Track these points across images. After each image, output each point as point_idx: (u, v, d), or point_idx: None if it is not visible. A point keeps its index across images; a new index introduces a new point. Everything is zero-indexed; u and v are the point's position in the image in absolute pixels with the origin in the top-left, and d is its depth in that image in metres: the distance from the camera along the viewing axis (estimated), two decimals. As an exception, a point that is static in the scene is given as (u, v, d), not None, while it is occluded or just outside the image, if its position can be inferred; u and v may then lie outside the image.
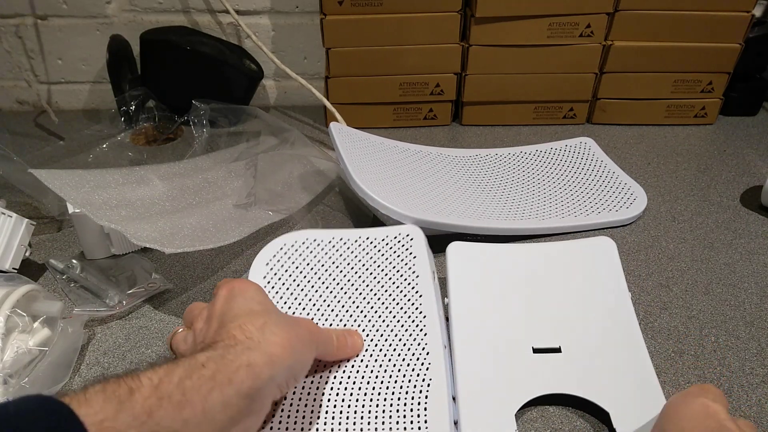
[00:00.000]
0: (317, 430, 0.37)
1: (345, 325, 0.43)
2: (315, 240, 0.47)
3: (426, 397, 0.38)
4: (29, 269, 0.54)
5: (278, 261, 0.46)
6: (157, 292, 0.51)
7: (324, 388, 0.39)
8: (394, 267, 0.46)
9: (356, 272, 0.46)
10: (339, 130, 0.63)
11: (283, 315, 0.35)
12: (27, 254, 0.52)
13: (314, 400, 0.38)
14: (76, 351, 0.44)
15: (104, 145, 0.72)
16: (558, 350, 0.42)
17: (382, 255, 0.47)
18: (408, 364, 0.40)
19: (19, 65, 0.84)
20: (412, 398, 0.38)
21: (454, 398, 0.39)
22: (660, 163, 0.71)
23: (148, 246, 0.47)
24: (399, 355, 0.41)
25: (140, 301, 0.50)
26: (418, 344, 0.41)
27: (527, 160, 0.68)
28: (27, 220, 0.52)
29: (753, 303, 0.50)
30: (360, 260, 0.46)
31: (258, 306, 0.35)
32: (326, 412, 0.38)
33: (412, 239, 0.47)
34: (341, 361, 0.40)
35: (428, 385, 0.39)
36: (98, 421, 0.25)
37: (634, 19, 0.72)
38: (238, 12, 0.81)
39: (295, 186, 0.63)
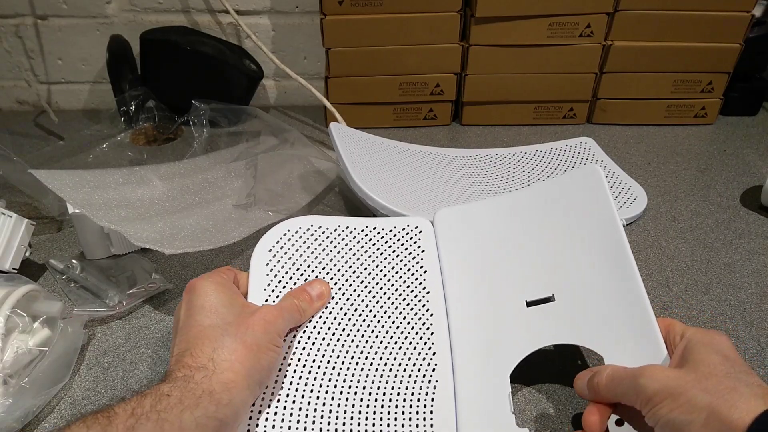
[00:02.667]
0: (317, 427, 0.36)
1: (349, 319, 0.42)
2: (320, 227, 0.46)
3: (432, 399, 0.38)
4: (29, 269, 0.54)
5: (281, 247, 0.44)
6: (157, 292, 0.51)
7: (327, 386, 0.38)
8: (401, 260, 0.45)
9: (362, 263, 0.44)
10: (339, 130, 0.63)
11: (234, 325, 0.36)
12: (27, 254, 0.52)
13: (317, 398, 0.38)
14: (76, 351, 0.44)
15: (104, 145, 0.72)
16: (551, 299, 0.40)
17: (390, 247, 0.45)
18: (414, 364, 0.40)
19: (19, 65, 0.84)
20: (418, 400, 0.38)
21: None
22: (660, 163, 0.71)
23: (148, 247, 0.47)
24: (405, 353, 0.40)
25: (140, 301, 0.50)
26: (425, 344, 0.41)
27: (527, 160, 0.68)
28: (27, 220, 0.52)
29: (753, 303, 0.50)
30: (366, 251, 0.45)
31: (210, 320, 0.36)
32: (330, 413, 0.37)
33: (421, 232, 0.46)
34: (345, 356, 0.40)
35: (434, 388, 0.38)
36: None
37: (634, 19, 0.72)
38: (238, 12, 0.81)
39: (295, 186, 0.63)
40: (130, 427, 0.29)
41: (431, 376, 0.39)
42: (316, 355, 0.40)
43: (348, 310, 0.42)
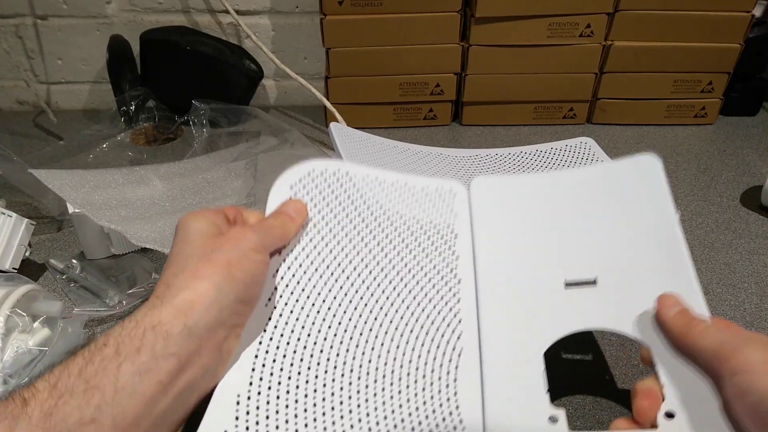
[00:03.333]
0: (337, 394, 0.33)
1: (370, 272, 0.38)
2: (347, 173, 0.42)
3: (456, 367, 0.35)
4: (29, 269, 0.54)
5: (303, 187, 0.41)
6: (157, 292, 0.51)
7: (343, 341, 0.36)
8: (431, 221, 0.41)
9: (389, 218, 0.41)
10: (339, 130, 0.63)
11: (201, 247, 0.32)
12: (27, 254, 0.52)
13: (331, 354, 0.35)
14: (76, 351, 0.44)
15: (104, 145, 0.72)
16: (593, 282, 0.37)
17: (420, 206, 0.42)
18: (437, 329, 0.37)
19: (19, 65, 0.84)
20: (440, 366, 0.35)
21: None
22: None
23: (148, 247, 0.47)
24: (428, 317, 0.37)
25: (140, 301, 0.50)
26: (450, 309, 0.37)
27: (527, 160, 0.68)
28: (27, 220, 0.52)
29: (753, 303, 0.50)
30: (395, 205, 0.42)
31: (179, 248, 0.32)
32: (344, 374, 0.34)
33: (455, 196, 0.43)
34: (363, 311, 0.37)
35: (459, 356, 0.35)
36: None
37: (634, 19, 0.72)
38: (238, 12, 0.81)
39: (295, 186, 0.63)
40: (47, 411, 0.24)
41: (456, 343, 0.36)
42: (334, 308, 0.37)
43: (370, 263, 0.39)
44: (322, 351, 0.35)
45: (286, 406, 0.32)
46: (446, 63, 0.75)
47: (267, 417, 0.32)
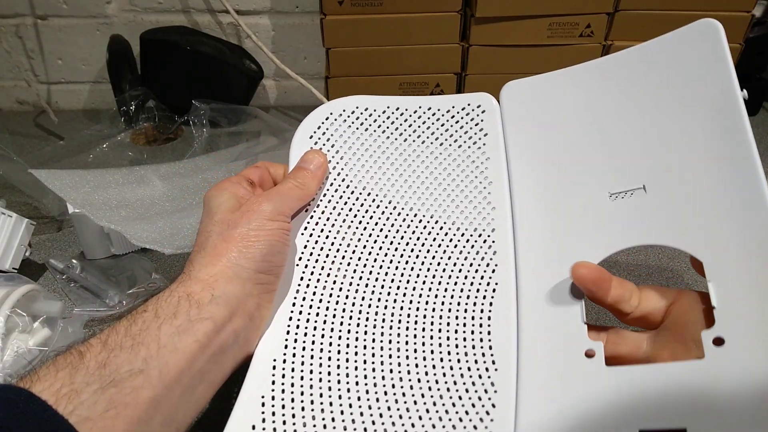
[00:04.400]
0: (369, 347, 0.33)
1: (399, 214, 0.37)
2: (367, 109, 0.40)
3: (491, 304, 0.33)
4: (29, 269, 0.54)
5: (323, 133, 0.40)
6: (157, 292, 0.51)
7: (378, 295, 0.35)
8: (459, 146, 0.39)
9: (414, 150, 0.39)
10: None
11: (219, 224, 0.34)
12: (27, 254, 0.52)
13: (363, 309, 0.34)
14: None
15: (104, 145, 0.72)
16: (642, 191, 0.33)
17: (447, 131, 0.39)
18: (471, 264, 0.35)
19: (19, 65, 0.84)
20: (474, 304, 0.33)
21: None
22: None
23: (148, 247, 0.47)
24: (461, 252, 0.35)
25: (140, 301, 0.50)
26: (484, 241, 0.35)
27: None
28: (27, 220, 0.52)
29: (753, 303, 0.50)
30: (419, 135, 0.40)
31: (201, 227, 0.34)
32: (375, 314, 0.34)
33: (483, 111, 0.40)
34: (392, 254, 0.36)
35: (493, 291, 0.34)
36: (55, 391, 0.25)
37: (634, 19, 0.72)
38: (238, 12, 0.81)
39: (295, 186, 0.63)
40: (101, 362, 0.27)
41: (490, 278, 0.34)
42: (364, 258, 0.36)
43: (398, 204, 0.37)
44: (354, 304, 0.34)
45: (320, 365, 0.32)
46: (446, 63, 0.75)
47: (302, 378, 0.32)
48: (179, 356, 0.28)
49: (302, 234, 0.37)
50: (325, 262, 0.36)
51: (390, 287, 0.35)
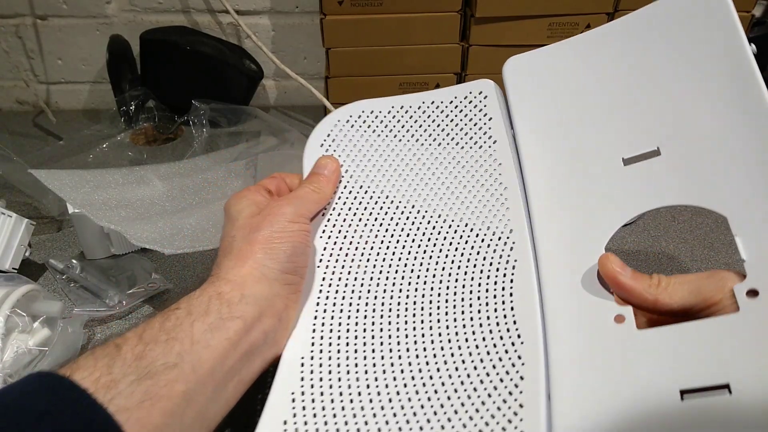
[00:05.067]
0: (394, 336, 0.33)
1: (413, 206, 0.38)
2: (372, 112, 0.42)
3: (511, 281, 0.33)
4: (29, 269, 0.54)
5: (333, 140, 0.41)
6: (157, 292, 0.51)
7: (399, 286, 0.35)
8: (466, 134, 0.40)
9: (423, 145, 0.40)
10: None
11: (243, 229, 0.35)
12: (27, 254, 0.52)
13: (385, 302, 0.35)
14: (76, 351, 0.44)
15: (104, 145, 0.72)
16: (656, 153, 0.32)
17: (452, 121, 0.40)
18: (488, 245, 0.35)
19: (19, 65, 0.84)
20: (495, 283, 0.34)
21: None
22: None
23: (148, 247, 0.47)
24: (477, 235, 0.36)
25: (140, 301, 0.50)
26: (500, 221, 0.36)
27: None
28: (27, 220, 0.52)
29: (753, 303, 0.50)
30: (426, 130, 0.41)
31: (225, 232, 0.36)
32: (404, 313, 0.34)
33: (486, 97, 0.40)
34: (414, 252, 0.36)
35: (513, 268, 0.34)
36: (94, 380, 0.26)
37: (634, 19, 0.72)
38: (238, 12, 0.81)
39: (295, 186, 0.63)
40: (138, 354, 0.28)
41: (509, 256, 0.34)
42: (382, 254, 0.37)
43: (411, 198, 0.38)
44: (375, 297, 0.35)
45: (347, 358, 0.33)
46: (446, 63, 0.75)
47: (330, 372, 0.33)
48: (211, 352, 0.29)
49: (320, 237, 0.38)
50: (345, 260, 0.37)
51: (409, 277, 0.36)
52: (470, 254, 0.36)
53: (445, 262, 0.36)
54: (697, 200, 0.30)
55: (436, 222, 0.37)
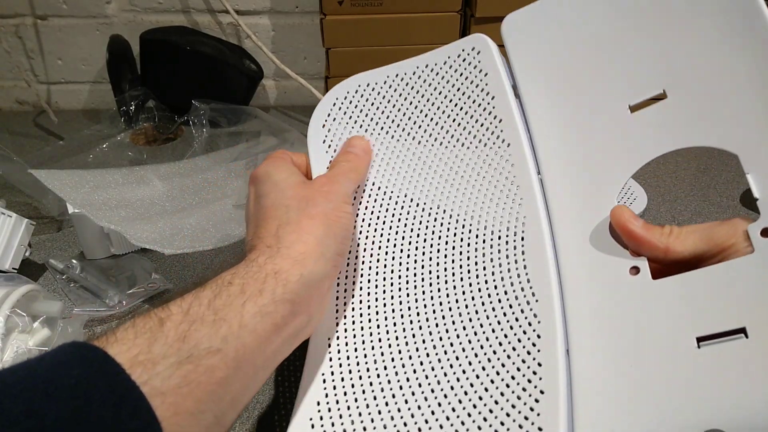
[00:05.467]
0: (398, 288, 0.35)
1: (419, 174, 0.38)
2: (368, 84, 0.42)
3: (522, 239, 0.33)
4: (29, 269, 0.53)
5: (334, 119, 0.41)
6: (157, 292, 0.51)
7: (401, 243, 0.36)
8: (464, 93, 0.39)
9: (422, 111, 0.40)
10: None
11: (296, 199, 0.33)
12: (27, 254, 0.52)
13: (391, 257, 0.36)
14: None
15: (104, 145, 0.72)
16: (663, 96, 0.32)
17: (447, 82, 0.40)
18: (497, 204, 0.35)
19: (19, 65, 0.84)
20: (506, 243, 0.33)
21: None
22: (660, 163, 0.71)
23: (148, 247, 0.47)
24: (485, 195, 0.35)
25: (140, 301, 0.50)
26: (506, 178, 0.35)
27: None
28: (27, 220, 0.52)
29: (753, 303, 0.50)
30: (423, 95, 0.40)
31: (272, 200, 0.34)
32: (408, 271, 0.35)
33: (479, 53, 0.39)
34: (420, 218, 0.37)
35: (523, 225, 0.33)
36: (132, 357, 0.24)
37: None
38: (238, 12, 0.81)
39: (295, 186, 0.63)
40: (181, 334, 0.26)
41: (518, 213, 0.34)
42: (395, 226, 0.37)
43: (416, 166, 0.38)
44: (389, 268, 0.36)
45: (371, 335, 0.34)
46: (446, 63, 0.75)
47: (356, 350, 0.34)
48: (256, 337, 0.28)
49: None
50: (366, 240, 0.37)
51: (424, 250, 0.36)
52: (479, 215, 0.35)
53: (450, 224, 0.36)
54: (705, 140, 0.29)
55: (443, 189, 0.37)
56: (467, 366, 0.31)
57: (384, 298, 0.35)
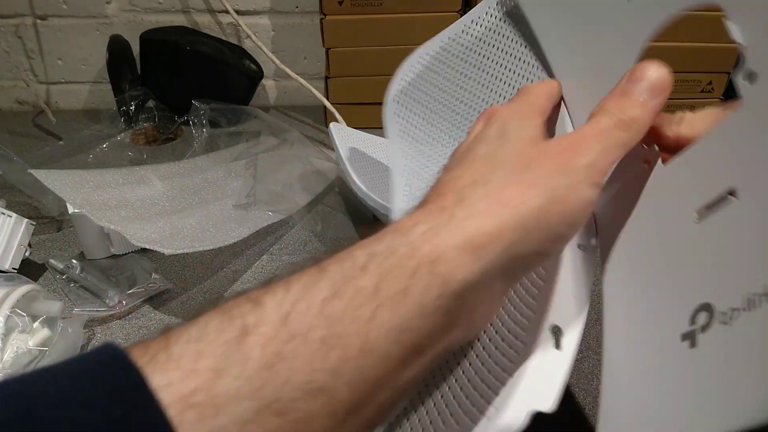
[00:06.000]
0: None
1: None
2: (428, 54, 0.46)
3: None
4: (29, 269, 0.53)
5: (404, 94, 0.46)
6: (157, 292, 0.51)
7: None
8: (494, 47, 0.43)
9: (467, 77, 0.43)
10: (339, 130, 0.63)
11: (517, 156, 0.23)
12: (27, 254, 0.52)
13: None
14: (76, 351, 0.44)
15: (104, 145, 0.72)
16: None
17: (479, 40, 0.44)
18: None
19: (19, 65, 0.84)
20: None
21: None
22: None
23: (148, 247, 0.47)
24: None
25: (140, 301, 0.50)
26: None
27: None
28: (27, 220, 0.52)
29: (753, 303, 0.49)
30: (466, 60, 0.44)
31: (487, 149, 0.24)
32: None
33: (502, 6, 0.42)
34: None
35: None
36: (187, 394, 0.16)
37: (634, 19, 0.72)
38: (238, 12, 0.81)
39: (295, 186, 0.63)
40: (269, 360, 0.17)
41: None
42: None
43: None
44: None
45: None
46: (446, 63, 0.75)
47: None
48: (383, 366, 0.19)
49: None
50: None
51: None
52: None
53: None
54: None
55: None
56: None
57: None
